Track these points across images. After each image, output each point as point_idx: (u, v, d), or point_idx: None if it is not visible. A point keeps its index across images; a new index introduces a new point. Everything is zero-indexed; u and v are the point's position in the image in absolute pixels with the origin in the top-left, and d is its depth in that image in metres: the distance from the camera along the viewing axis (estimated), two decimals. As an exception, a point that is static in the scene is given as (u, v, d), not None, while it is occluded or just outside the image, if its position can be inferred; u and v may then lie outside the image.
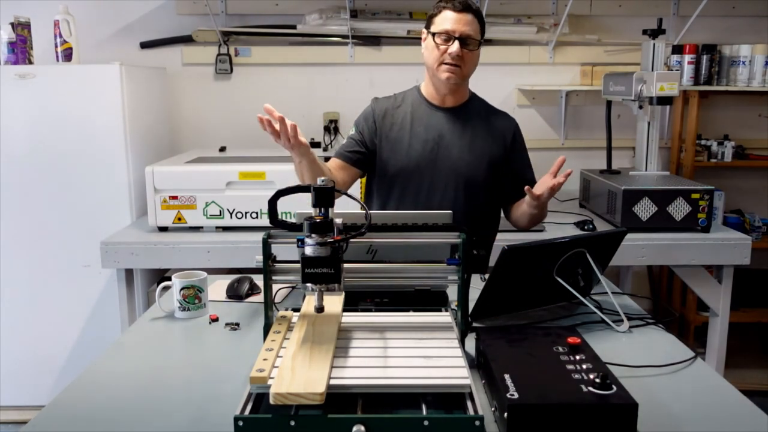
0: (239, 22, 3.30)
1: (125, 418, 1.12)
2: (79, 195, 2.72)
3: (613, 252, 1.64)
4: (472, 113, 2.02)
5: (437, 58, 1.89)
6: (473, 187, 1.98)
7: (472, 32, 1.88)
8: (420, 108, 2.01)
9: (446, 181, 1.97)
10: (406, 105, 2.02)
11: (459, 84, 1.95)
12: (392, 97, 2.06)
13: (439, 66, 1.90)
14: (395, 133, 1.98)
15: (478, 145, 1.98)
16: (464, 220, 1.89)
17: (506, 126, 2.04)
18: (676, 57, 3.15)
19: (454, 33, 1.86)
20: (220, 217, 2.54)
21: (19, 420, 2.83)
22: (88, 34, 3.12)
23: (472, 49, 1.89)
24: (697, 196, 2.47)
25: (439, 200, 1.96)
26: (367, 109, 2.05)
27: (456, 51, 1.85)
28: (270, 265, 1.30)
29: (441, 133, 1.97)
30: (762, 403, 1.16)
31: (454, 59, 1.87)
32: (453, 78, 1.90)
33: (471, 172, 1.97)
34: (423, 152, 1.96)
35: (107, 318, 2.75)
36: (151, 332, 1.54)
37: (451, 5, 1.87)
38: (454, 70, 1.89)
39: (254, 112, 3.62)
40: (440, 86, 1.96)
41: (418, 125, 1.98)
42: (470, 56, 1.90)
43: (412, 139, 1.97)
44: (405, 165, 1.96)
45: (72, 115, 2.67)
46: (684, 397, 1.19)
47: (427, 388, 1.11)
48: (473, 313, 1.48)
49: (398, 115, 2.00)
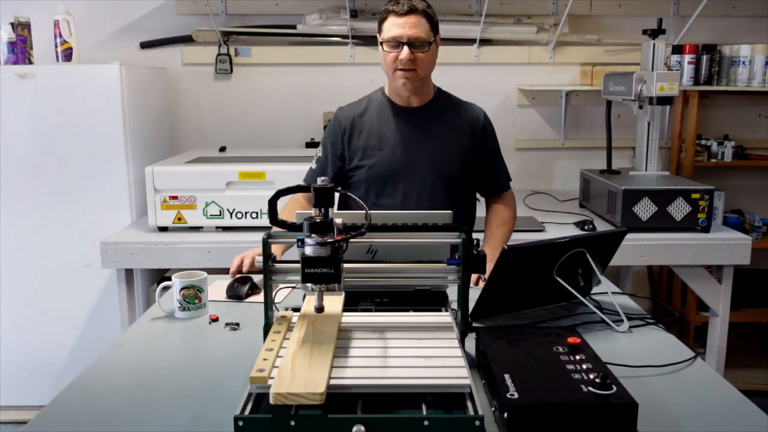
0: (239, 22, 3.30)
1: (125, 418, 1.12)
2: (79, 195, 2.72)
3: (613, 252, 1.64)
4: (439, 110, 1.99)
5: (390, 65, 1.87)
6: (449, 184, 1.96)
7: (421, 33, 1.83)
8: (386, 111, 1.98)
9: (422, 182, 1.94)
10: (372, 110, 2.00)
11: (418, 86, 1.92)
12: (357, 103, 2.03)
13: (393, 72, 1.87)
14: (363, 140, 1.96)
15: (449, 141, 1.96)
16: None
17: (475, 117, 2.02)
18: (676, 57, 3.15)
19: (402, 38, 1.82)
20: (220, 217, 2.54)
21: (19, 420, 2.83)
22: (88, 34, 3.12)
23: (423, 50, 1.85)
24: (697, 196, 2.47)
25: (415, 202, 1.94)
26: (332, 123, 2.03)
27: (406, 56, 1.82)
28: (270, 265, 1.30)
29: (410, 135, 1.95)
30: (762, 403, 1.16)
31: (405, 64, 1.84)
32: (408, 83, 1.88)
33: (446, 170, 1.95)
34: (393, 156, 1.94)
35: (107, 318, 2.75)
36: (151, 332, 1.53)
37: (395, 10, 1.83)
38: (409, 75, 1.86)
39: (254, 112, 3.65)
40: (400, 90, 1.94)
41: (386, 129, 1.96)
42: (423, 57, 1.85)
43: (382, 143, 1.95)
44: (377, 171, 1.94)
45: (72, 115, 2.67)
46: (684, 397, 1.19)
47: (427, 388, 1.11)
48: (473, 313, 1.47)
49: (365, 121, 1.98)
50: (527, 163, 3.46)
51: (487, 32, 3.27)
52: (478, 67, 3.35)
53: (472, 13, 3.31)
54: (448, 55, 3.31)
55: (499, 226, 2.01)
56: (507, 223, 2.03)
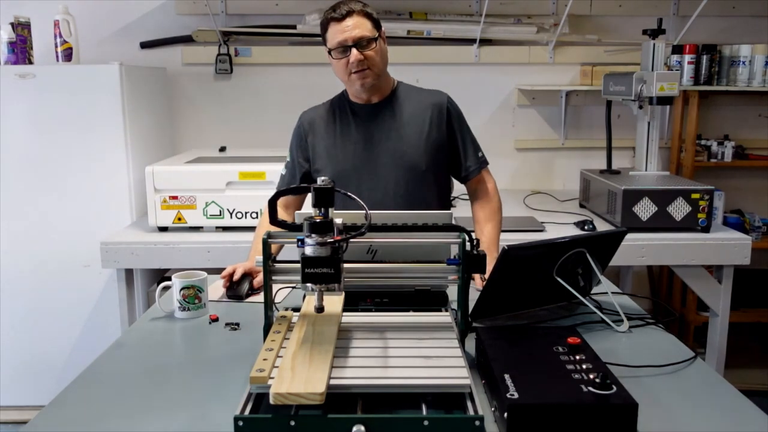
0: (239, 22, 3.30)
1: (125, 418, 1.12)
2: (79, 195, 2.72)
3: (613, 252, 1.64)
4: (399, 101, 1.98)
5: (343, 70, 1.87)
6: (416, 175, 1.93)
7: (364, 32, 1.83)
8: (345, 110, 1.98)
9: (386, 177, 1.93)
10: (332, 110, 2.00)
11: (376, 84, 1.92)
12: (319, 106, 2.04)
13: (349, 77, 1.87)
14: (325, 140, 1.96)
15: (411, 131, 1.94)
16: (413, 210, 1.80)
17: (437, 102, 1.98)
18: (676, 57, 3.15)
19: (347, 42, 1.82)
20: (220, 217, 2.54)
21: (19, 420, 2.83)
22: (88, 34, 3.12)
23: (371, 48, 1.85)
24: (697, 196, 2.47)
25: (381, 197, 1.92)
26: (295, 127, 2.03)
27: (356, 58, 1.82)
28: (270, 265, 1.30)
29: (371, 130, 1.95)
30: (762, 403, 1.16)
31: (357, 66, 1.84)
32: (367, 82, 1.88)
33: (411, 162, 1.93)
34: (356, 152, 1.94)
35: (107, 318, 2.75)
36: (151, 332, 1.53)
37: (334, 16, 1.84)
38: (365, 73, 1.86)
39: (254, 112, 3.65)
40: (360, 92, 1.93)
41: (345, 126, 1.96)
42: (373, 54, 1.86)
43: (343, 142, 1.95)
44: (341, 169, 1.93)
45: (72, 115, 2.67)
46: (684, 397, 1.19)
47: (427, 388, 1.11)
48: (473, 313, 1.47)
49: (325, 122, 1.98)
50: (527, 163, 3.46)
51: (487, 32, 3.27)
52: (478, 67, 3.35)
53: (472, 13, 3.31)
54: (448, 55, 3.32)
55: (489, 220, 1.98)
56: (494, 215, 2.00)
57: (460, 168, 2.01)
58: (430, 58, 3.30)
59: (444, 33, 3.25)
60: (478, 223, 2.00)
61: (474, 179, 2.02)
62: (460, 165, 2.01)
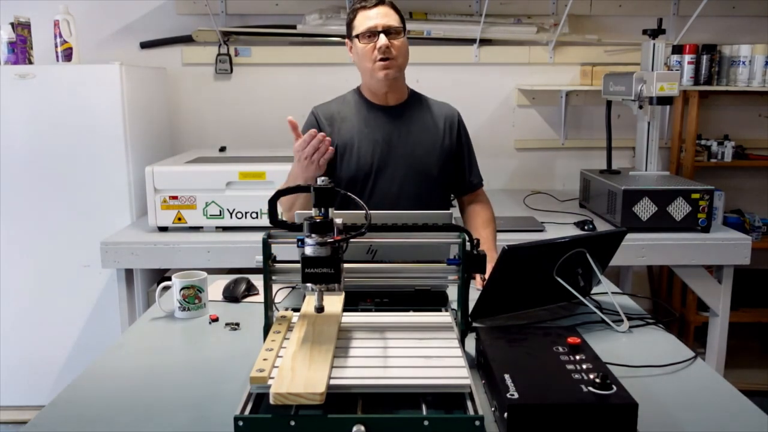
0: (239, 22, 3.30)
1: (125, 418, 1.12)
2: (79, 195, 2.72)
3: (613, 252, 1.64)
4: (415, 109, 2.02)
5: (369, 57, 1.89)
6: (428, 181, 1.98)
7: (393, 22, 1.89)
8: (363, 109, 2.00)
9: (401, 180, 1.96)
10: (350, 108, 2.01)
11: (397, 78, 1.94)
12: (333, 102, 2.05)
13: (373, 65, 1.89)
14: (344, 137, 1.97)
15: (426, 139, 1.99)
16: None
17: (450, 115, 2.05)
18: (676, 57, 3.15)
19: (377, 28, 1.86)
20: (220, 217, 2.54)
21: (19, 420, 2.83)
22: (88, 34, 3.12)
23: (398, 38, 1.89)
24: (697, 196, 2.47)
25: (395, 197, 1.95)
26: (309, 120, 2.02)
27: (384, 43, 1.85)
28: (270, 265, 1.30)
29: (389, 133, 1.97)
30: (762, 403, 1.16)
31: (384, 52, 1.86)
32: (391, 73, 1.89)
33: (424, 168, 1.97)
34: (374, 154, 1.95)
35: (107, 318, 2.75)
36: (151, 332, 1.54)
37: (364, 5, 1.89)
38: (389, 64, 1.89)
39: (254, 112, 3.65)
40: (380, 86, 1.95)
41: (365, 127, 1.97)
42: (399, 46, 1.89)
43: (361, 141, 1.96)
44: (358, 168, 1.95)
45: (72, 115, 2.67)
46: (684, 397, 1.19)
47: (427, 388, 1.11)
48: (473, 313, 1.47)
49: (343, 118, 1.99)
50: (527, 163, 3.46)
51: (487, 32, 3.27)
52: (478, 67, 3.34)
53: (472, 13, 3.31)
54: (448, 55, 3.32)
55: (486, 227, 2.01)
56: (490, 223, 2.04)
57: (462, 180, 2.08)
58: (430, 58, 3.30)
59: (444, 33, 3.25)
60: (475, 228, 2.02)
61: (473, 193, 2.10)
62: (463, 177, 2.07)
